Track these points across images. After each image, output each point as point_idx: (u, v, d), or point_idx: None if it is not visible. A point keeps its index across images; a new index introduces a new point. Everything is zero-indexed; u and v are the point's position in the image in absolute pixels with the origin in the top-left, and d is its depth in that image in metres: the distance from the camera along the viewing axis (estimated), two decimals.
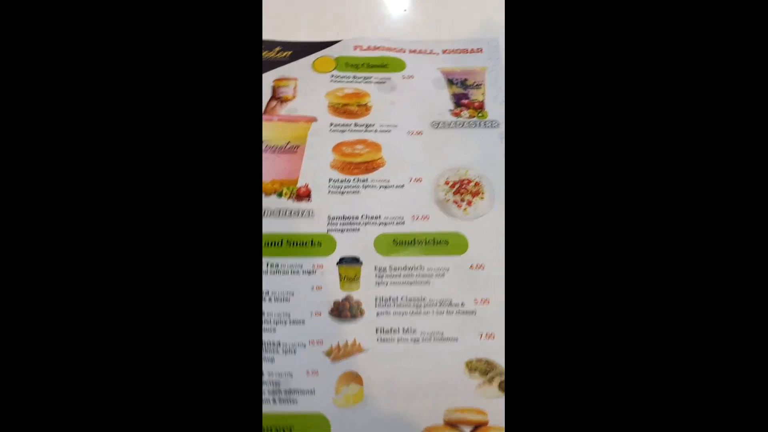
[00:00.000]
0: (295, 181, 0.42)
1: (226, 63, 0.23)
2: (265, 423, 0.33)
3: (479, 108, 0.45)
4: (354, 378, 0.34)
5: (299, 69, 0.47)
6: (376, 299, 0.37)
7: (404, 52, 0.48)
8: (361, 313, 0.37)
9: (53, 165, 0.21)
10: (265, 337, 0.36)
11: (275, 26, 0.50)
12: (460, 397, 0.34)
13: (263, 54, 0.49)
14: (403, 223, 0.40)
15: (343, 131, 0.44)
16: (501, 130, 0.44)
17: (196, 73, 0.22)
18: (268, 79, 0.47)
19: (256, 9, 0.23)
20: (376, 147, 0.43)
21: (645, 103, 0.22)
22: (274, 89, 0.46)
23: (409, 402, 0.34)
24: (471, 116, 0.44)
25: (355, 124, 0.44)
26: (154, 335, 0.21)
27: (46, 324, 0.20)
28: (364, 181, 0.42)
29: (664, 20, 0.22)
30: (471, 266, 0.38)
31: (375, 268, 0.38)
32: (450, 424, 0.33)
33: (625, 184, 0.21)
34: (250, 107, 0.23)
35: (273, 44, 0.49)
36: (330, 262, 0.38)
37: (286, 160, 0.43)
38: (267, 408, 0.33)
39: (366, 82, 0.46)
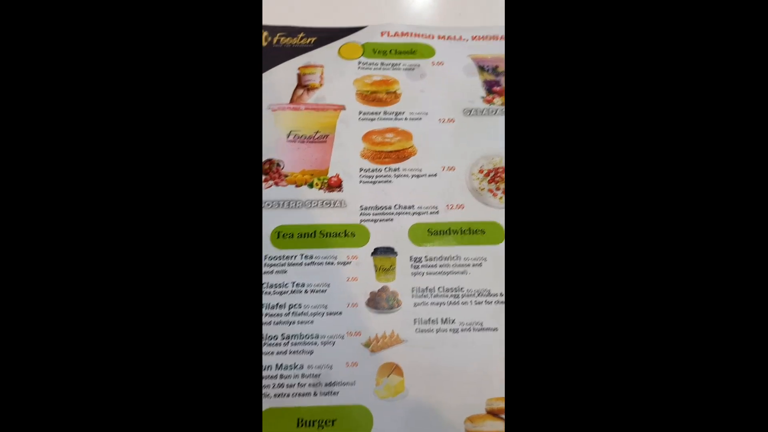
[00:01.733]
0: (326, 171, 0.41)
1: (223, 51, 0.22)
2: (307, 416, 0.33)
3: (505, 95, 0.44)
4: (394, 369, 0.34)
5: (325, 55, 0.47)
6: (412, 289, 0.37)
7: (433, 38, 0.47)
8: (398, 303, 0.36)
9: (54, 159, 0.21)
10: (303, 329, 0.35)
11: (297, 11, 0.50)
12: (501, 386, 0.34)
13: (288, 41, 0.48)
14: (438, 212, 0.40)
15: (372, 119, 0.43)
16: None
17: (193, 64, 0.22)
18: (293, 66, 0.46)
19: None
20: (406, 135, 0.43)
21: (646, 98, 0.21)
22: (300, 77, 0.46)
23: (450, 392, 0.34)
24: (503, 103, 0.44)
25: (385, 112, 0.44)
26: (153, 332, 0.21)
27: (56, 314, 0.20)
28: (395, 170, 0.41)
29: (667, 18, 0.21)
30: None
31: (410, 258, 0.38)
32: (492, 413, 0.33)
33: (633, 172, 0.21)
34: (248, 97, 0.23)
35: (296, 30, 0.48)
36: (364, 253, 0.38)
37: (315, 150, 0.42)
38: (308, 401, 0.33)
39: (394, 69, 0.46)
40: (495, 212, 0.39)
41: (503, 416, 0.33)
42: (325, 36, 0.48)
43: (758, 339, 0.20)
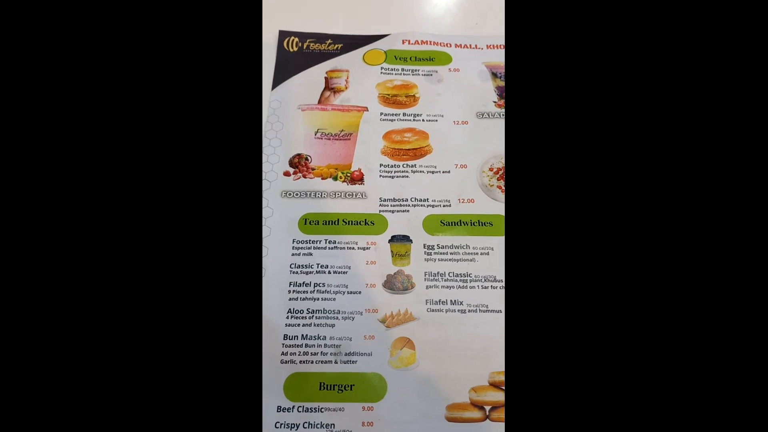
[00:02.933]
0: (349, 166, 0.45)
1: (224, 53, 0.23)
2: (329, 381, 0.37)
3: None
4: (407, 343, 0.38)
5: (351, 61, 0.51)
6: (425, 274, 0.41)
7: (450, 46, 0.51)
8: (412, 285, 0.40)
9: (57, 160, 0.21)
10: (326, 305, 0.39)
11: (325, 19, 0.54)
12: (503, 361, 0.37)
13: (316, 46, 0.52)
14: (450, 205, 0.43)
15: (392, 120, 0.48)
16: None
17: (196, 66, 0.23)
18: (321, 70, 0.51)
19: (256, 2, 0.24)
20: (423, 135, 0.47)
21: (645, 95, 0.22)
22: (327, 80, 0.50)
23: (456, 365, 0.37)
24: None
25: (404, 114, 0.48)
26: (156, 328, 0.21)
27: (65, 308, 0.20)
28: (412, 166, 0.45)
29: (666, 18, 0.22)
30: None
31: (424, 245, 0.42)
32: (494, 384, 0.37)
33: (627, 175, 0.22)
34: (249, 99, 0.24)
35: (324, 37, 0.53)
36: (382, 240, 0.42)
37: (340, 147, 0.47)
38: (330, 368, 0.37)
39: (414, 75, 0.50)
40: (502, 206, 0.43)
41: (504, 387, 0.37)
42: (351, 43, 0.52)
43: (758, 339, 0.20)
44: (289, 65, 0.50)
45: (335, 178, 0.45)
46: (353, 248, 0.42)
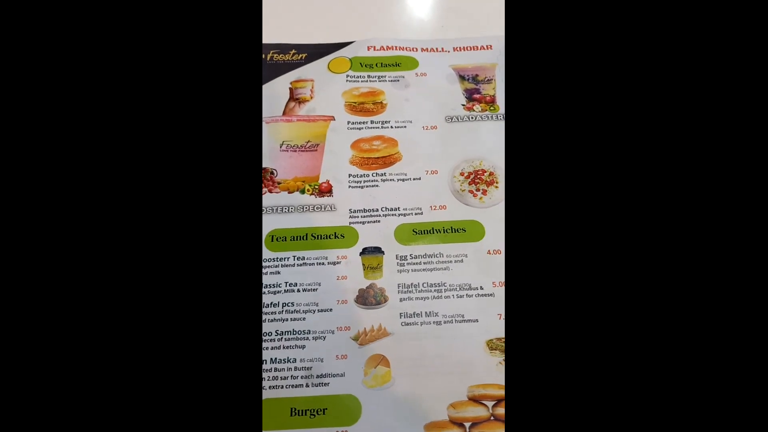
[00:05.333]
0: (317, 178, 0.44)
1: (225, 63, 0.23)
2: (299, 406, 0.35)
3: (491, 102, 0.47)
4: (381, 360, 0.36)
5: (315, 70, 0.49)
6: (398, 286, 0.39)
7: (416, 50, 0.50)
8: (385, 299, 0.39)
9: (62, 163, 0.21)
10: (295, 325, 0.38)
11: (288, 29, 0.53)
12: (482, 374, 0.36)
13: (280, 57, 0.51)
14: (422, 213, 0.42)
15: (360, 128, 0.46)
16: None
17: (195, 73, 0.23)
18: (285, 81, 0.49)
19: (256, 13, 0.24)
20: (392, 142, 0.45)
21: (644, 94, 0.22)
22: (292, 91, 0.49)
23: (434, 380, 0.36)
24: (483, 110, 0.46)
25: (372, 122, 0.46)
26: (159, 330, 0.21)
27: (74, 319, 0.21)
28: (382, 175, 0.44)
29: (664, 17, 0.22)
30: (488, 251, 0.40)
31: (396, 256, 0.40)
32: (473, 399, 0.35)
33: (627, 173, 0.22)
34: (249, 105, 0.24)
35: (288, 47, 0.51)
36: (353, 253, 0.40)
37: (307, 158, 0.45)
38: (301, 392, 0.35)
39: (380, 81, 0.48)
40: (475, 211, 0.42)
41: (484, 402, 0.35)
42: (315, 52, 0.51)
43: (758, 339, 0.20)
44: None
45: (302, 191, 0.43)
46: (323, 263, 0.40)
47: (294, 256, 0.40)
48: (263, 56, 0.50)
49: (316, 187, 0.43)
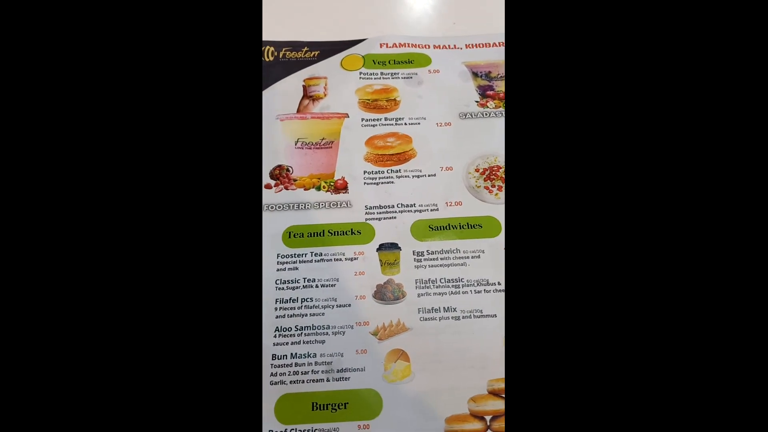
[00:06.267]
0: (332, 175, 0.44)
1: (224, 60, 0.23)
2: (321, 400, 0.35)
3: (504, 98, 0.47)
4: (401, 355, 0.37)
5: (328, 67, 0.50)
6: (416, 281, 0.39)
7: (429, 47, 0.50)
8: (403, 294, 0.39)
9: (67, 163, 0.21)
10: (315, 320, 0.38)
11: (301, 27, 0.53)
12: (501, 368, 0.36)
13: (293, 55, 0.51)
14: (437, 209, 0.42)
15: (374, 125, 0.46)
16: None
17: (196, 72, 0.23)
18: (298, 78, 0.49)
19: (255, 10, 0.24)
20: (406, 139, 0.45)
21: (644, 94, 0.22)
22: (305, 88, 0.49)
23: (453, 375, 0.36)
24: (497, 106, 0.47)
25: (386, 118, 0.47)
26: (160, 329, 0.21)
27: (68, 305, 0.21)
28: (397, 171, 0.44)
29: (664, 17, 0.22)
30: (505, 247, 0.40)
31: (413, 252, 0.40)
32: (493, 393, 0.36)
33: (627, 173, 0.22)
34: (249, 102, 0.24)
35: (300, 44, 0.52)
36: (370, 249, 0.41)
37: (322, 155, 0.45)
38: (322, 386, 0.36)
39: (394, 78, 0.49)
40: (491, 207, 0.42)
41: (503, 395, 0.36)
42: (328, 49, 0.51)
43: (758, 339, 0.20)
44: (266, 75, 0.49)
45: (318, 188, 0.43)
46: (340, 259, 0.40)
47: (311, 252, 0.40)
48: (277, 54, 0.51)
49: (332, 184, 0.44)
